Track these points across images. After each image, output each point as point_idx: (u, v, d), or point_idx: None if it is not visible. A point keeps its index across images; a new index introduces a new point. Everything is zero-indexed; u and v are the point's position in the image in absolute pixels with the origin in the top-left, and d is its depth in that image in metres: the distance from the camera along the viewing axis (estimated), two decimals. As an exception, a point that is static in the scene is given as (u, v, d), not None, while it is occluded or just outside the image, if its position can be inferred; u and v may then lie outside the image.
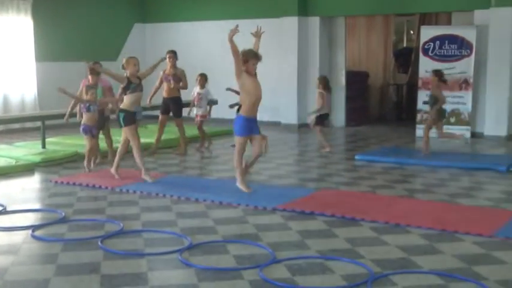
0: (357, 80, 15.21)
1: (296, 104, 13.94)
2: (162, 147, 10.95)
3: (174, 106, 10.48)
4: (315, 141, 11.98)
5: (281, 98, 14.17)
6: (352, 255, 5.26)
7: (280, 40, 14.23)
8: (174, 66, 10.32)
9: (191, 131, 11.49)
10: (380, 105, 16.72)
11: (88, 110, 8.78)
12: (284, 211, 6.71)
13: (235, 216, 6.55)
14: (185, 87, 10.59)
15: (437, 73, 10.28)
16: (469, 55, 12.46)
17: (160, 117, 10.61)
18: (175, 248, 5.42)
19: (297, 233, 5.91)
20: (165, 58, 8.39)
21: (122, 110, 8.10)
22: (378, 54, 16.59)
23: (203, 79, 10.89)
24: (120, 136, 8.46)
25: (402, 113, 16.37)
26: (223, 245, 5.55)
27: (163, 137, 10.82)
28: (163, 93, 10.58)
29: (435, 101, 10.10)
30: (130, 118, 8.09)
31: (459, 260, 5.13)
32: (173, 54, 10.23)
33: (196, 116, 10.93)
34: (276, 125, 14.21)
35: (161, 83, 10.58)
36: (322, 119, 10.93)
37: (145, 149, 10.49)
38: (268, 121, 14.42)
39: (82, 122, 8.89)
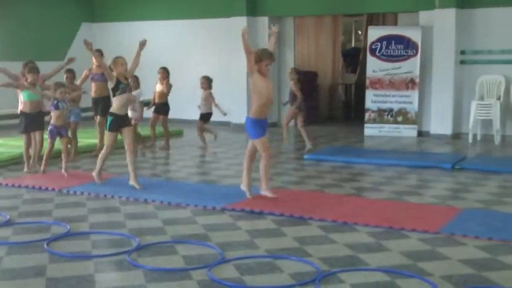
0: (306, 80, 15.25)
1: (246, 104, 13.92)
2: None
3: (102, 105, 10.20)
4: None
5: (231, 98, 14.15)
6: (301, 253, 5.29)
7: (229, 40, 14.22)
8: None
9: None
10: (329, 105, 16.87)
11: (56, 107, 8.35)
12: (233, 211, 6.71)
13: (184, 217, 6.52)
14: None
15: (298, 71, 11.22)
16: (414, 55, 12.68)
17: (97, 118, 10.44)
18: (124, 249, 5.37)
19: (245, 233, 5.92)
20: (145, 41, 8.07)
21: (110, 114, 7.73)
22: (326, 54, 16.73)
23: (135, 81, 10.78)
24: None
25: (351, 112, 16.56)
26: (172, 246, 5.52)
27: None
28: (92, 93, 10.45)
29: (295, 97, 10.81)
30: (117, 123, 7.70)
31: (405, 257, 5.21)
32: (100, 53, 9.82)
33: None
34: (225, 125, 14.20)
35: (84, 81, 10.43)
36: (208, 118, 11.42)
37: (89, 151, 10.42)
38: (218, 121, 14.41)
39: (50, 123, 8.42)
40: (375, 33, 13.17)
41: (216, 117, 14.34)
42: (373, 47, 12.99)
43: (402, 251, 5.38)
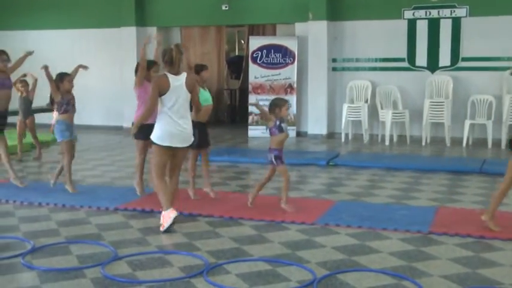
0: (193, 86, 15.25)
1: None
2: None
3: None
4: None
5: (124, 104, 13.93)
6: (190, 248, 5.30)
7: (120, 49, 14.01)
8: None
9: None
10: (215, 109, 16.87)
11: (281, 130, 6.43)
12: (125, 210, 6.61)
13: (78, 218, 6.35)
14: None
15: None
16: (292, 63, 12.94)
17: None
18: (18, 252, 5.16)
19: (137, 231, 5.85)
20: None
21: None
22: (212, 62, 16.72)
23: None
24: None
25: (236, 115, 16.65)
26: (66, 246, 5.37)
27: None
28: None
29: None
30: None
31: (285, 247, 5.33)
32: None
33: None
34: (119, 129, 13.96)
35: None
36: None
37: None
38: (111, 125, 14.16)
39: (271, 147, 6.49)
40: (255, 42, 13.34)
41: (109, 121, 14.15)
42: (254, 55, 13.15)
43: (282, 241, 5.49)
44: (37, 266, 4.82)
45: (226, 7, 13.45)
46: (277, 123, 6.41)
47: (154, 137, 5.91)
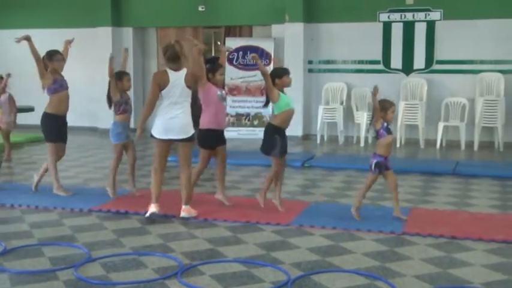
0: (169, 87, 15.21)
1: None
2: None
3: None
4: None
5: (98, 105, 13.79)
6: (164, 249, 5.28)
7: (95, 49, 13.91)
8: None
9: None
10: (192, 110, 16.82)
11: (388, 131, 6.24)
12: (100, 212, 6.57)
13: (51, 220, 6.29)
14: None
15: None
16: (268, 64, 12.94)
17: None
18: (-11, 254, 5.11)
19: (112, 232, 5.82)
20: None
21: None
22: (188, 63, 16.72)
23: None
24: None
25: (212, 117, 16.63)
26: (39, 248, 5.31)
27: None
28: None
29: None
30: None
31: (260, 248, 5.34)
32: None
33: None
34: (93, 130, 13.88)
35: None
36: None
37: None
38: (86, 126, 14.05)
39: (377, 153, 6.21)
40: (232, 44, 13.31)
41: (83, 122, 14.00)
42: (230, 56, 13.15)
43: (257, 242, 5.50)
44: (8, 268, 4.77)
45: (202, 8, 13.46)
46: (385, 124, 6.19)
47: (153, 131, 6.27)
